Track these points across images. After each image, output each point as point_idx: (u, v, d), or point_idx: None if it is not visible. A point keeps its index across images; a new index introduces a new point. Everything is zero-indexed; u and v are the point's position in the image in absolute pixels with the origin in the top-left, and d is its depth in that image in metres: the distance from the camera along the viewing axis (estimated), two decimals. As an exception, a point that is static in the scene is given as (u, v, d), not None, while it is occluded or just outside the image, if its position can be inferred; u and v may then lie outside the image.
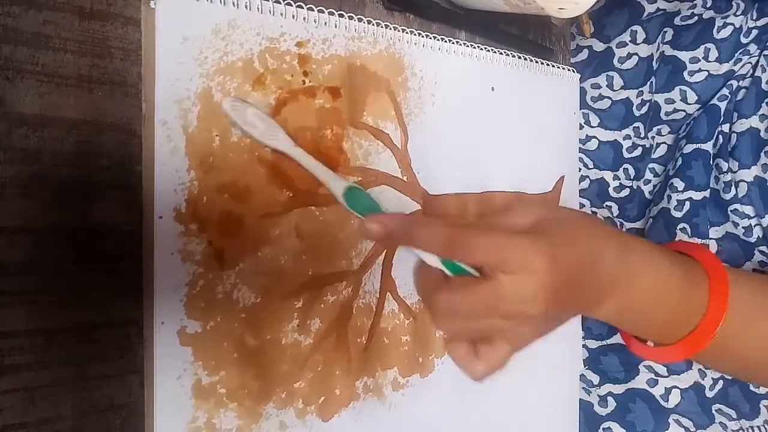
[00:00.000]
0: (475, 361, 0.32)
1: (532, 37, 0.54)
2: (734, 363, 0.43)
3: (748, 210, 0.49)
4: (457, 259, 0.31)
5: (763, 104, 0.49)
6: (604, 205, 0.59)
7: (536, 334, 0.32)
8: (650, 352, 0.43)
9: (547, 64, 0.52)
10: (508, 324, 0.31)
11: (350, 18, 0.38)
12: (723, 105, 0.51)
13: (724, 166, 0.50)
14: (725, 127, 0.51)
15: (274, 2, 0.34)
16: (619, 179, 0.59)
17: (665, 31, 0.56)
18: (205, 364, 0.31)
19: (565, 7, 0.43)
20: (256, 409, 0.33)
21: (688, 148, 0.52)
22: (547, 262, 0.30)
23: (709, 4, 0.54)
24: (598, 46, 0.59)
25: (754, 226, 0.49)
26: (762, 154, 0.48)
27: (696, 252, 0.42)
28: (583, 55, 0.60)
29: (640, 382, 0.54)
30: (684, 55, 0.54)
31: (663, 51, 0.55)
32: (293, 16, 0.35)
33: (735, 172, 0.49)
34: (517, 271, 0.30)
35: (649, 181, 0.57)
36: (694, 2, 0.55)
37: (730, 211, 0.50)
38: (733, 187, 0.49)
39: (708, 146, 0.52)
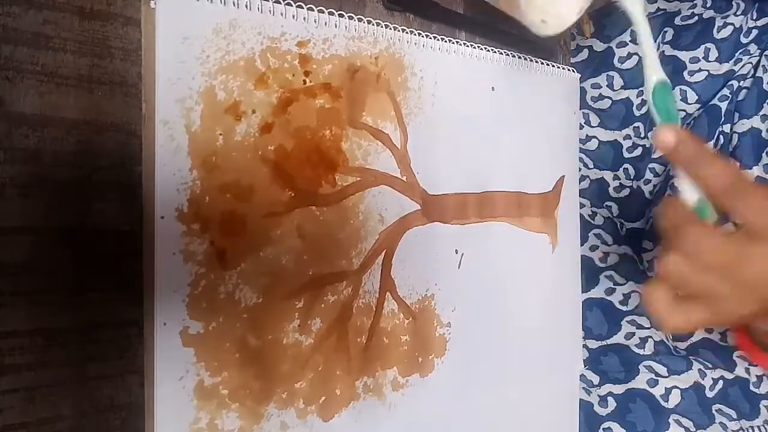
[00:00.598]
0: (674, 312, 0.31)
1: (532, 37, 0.54)
2: None
3: None
4: (730, 208, 0.30)
5: (765, 105, 0.49)
6: (604, 205, 0.59)
7: (742, 318, 0.32)
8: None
9: (547, 64, 0.52)
10: (734, 293, 0.30)
11: (350, 18, 0.38)
12: (724, 105, 0.51)
13: None
14: (726, 128, 0.51)
15: (275, 2, 0.34)
16: (619, 179, 0.59)
17: (665, 31, 0.56)
18: (208, 364, 0.31)
19: (546, 20, 0.42)
20: (258, 409, 0.33)
21: None
22: None
23: (708, 4, 0.55)
24: (599, 46, 0.59)
25: None
26: (763, 154, 0.48)
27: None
28: (584, 55, 0.60)
29: (640, 382, 0.54)
30: (684, 55, 0.54)
31: (663, 51, 0.55)
32: (293, 16, 0.35)
33: None
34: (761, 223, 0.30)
35: (650, 180, 0.57)
36: (695, 2, 0.55)
37: None
38: None
39: (708, 146, 0.52)
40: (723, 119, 0.51)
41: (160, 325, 0.30)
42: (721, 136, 0.51)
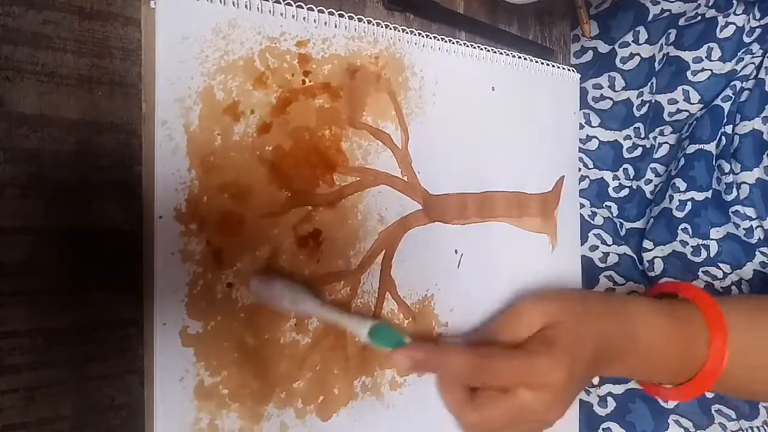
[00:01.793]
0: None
1: (532, 37, 0.54)
2: (747, 388, 0.45)
3: (750, 212, 0.49)
4: (483, 385, 0.36)
5: (767, 107, 0.48)
6: (604, 205, 0.59)
7: (560, 416, 0.38)
8: (664, 393, 0.47)
9: (547, 64, 0.52)
10: (533, 424, 0.37)
11: (350, 18, 0.38)
12: (726, 106, 0.51)
13: (726, 167, 0.50)
14: (728, 129, 0.51)
15: (274, 2, 0.34)
16: (619, 179, 0.59)
17: (669, 33, 0.56)
18: (207, 364, 0.31)
19: None
20: (258, 409, 0.33)
21: (691, 149, 0.52)
22: (565, 374, 0.36)
23: (710, 3, 0.54)
24: (603, 48, 0.59)
25: (756, 227, 0.49)
26: (764, 156, 0.48)
27: (687, 291, 0.46)
28: (588, 56, 0.60)
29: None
30: (687, 55, 0.54)
31: (668, 52, 0.55)
32: (293, 16, 0.35)
33: (737, 173, 0.49)
34: (540, 388, 0.35)
35: (650, 180, 0.57)
36: (698, 2, 0.55)
37: (732, 212, 0.50)
38: (734, 189, 0.49)
39: (711, 147, 0.52)
40: (725, 120, 0.51)
41: (159, 325, 0.30)
42: (723, 137, 0.51)
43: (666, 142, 0.56)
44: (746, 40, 0.52)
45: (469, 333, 0.42)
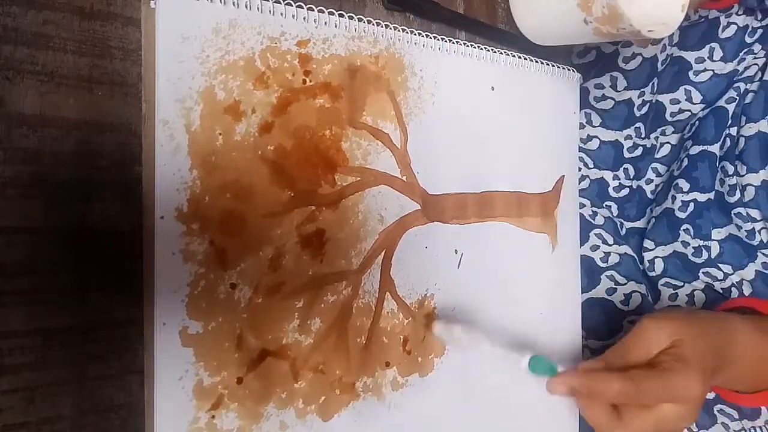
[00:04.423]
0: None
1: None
2: None
3: (755, 213, 0.48)
4: (633, 407, 0.39)
5: None
6: (604, 204, 0.59)
7: (694, 421, 0.42)
8: (744, 399, 0.50)
9: (547, 64, 0.52)
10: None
11: (350, 18, 0.38)
12: (731, 107, 0.51)
13: (730, 169, 0.50)
14: (733, 131, 0.50)
15: (274, 2, 0.34)
16: (619, 179, 0.59)
17: (672, 33, 0.56)
18: (207, 364, 0.31)
19: (654, 29, 0.43)
20: (257, 409, 0.33)
21: (695, 150, 0.52)
22: (702, 386, 0.39)
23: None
24: (607, 48, 0.59)
25: (759, 229, 0.49)
26: None
27: (761, 306, 0.50)
28: (591, 56, 0.60)
29: (641, 382, 0.54)
30: (690, 55, 0.54)
31: (671, 53, 0.55)
32: (293, 16, 0.35)
33: (742, 175, 0.49)
34: (681, 402, 0.39)
35: (651, 180, 0.57)
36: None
37: (734, 214, 0.50)
38: (738, 191, 0.49)
39: (714, 148, 0.52)
40: (730, 122, 0.51)
41: (159, 325, 0.30)
42: (727, 139, 0.51)
43: (667, 142, 0.56)
44: (748, 40, 0.52)
45: (604, 354, 0.44)
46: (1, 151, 0.27)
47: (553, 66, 0.52)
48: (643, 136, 0.57)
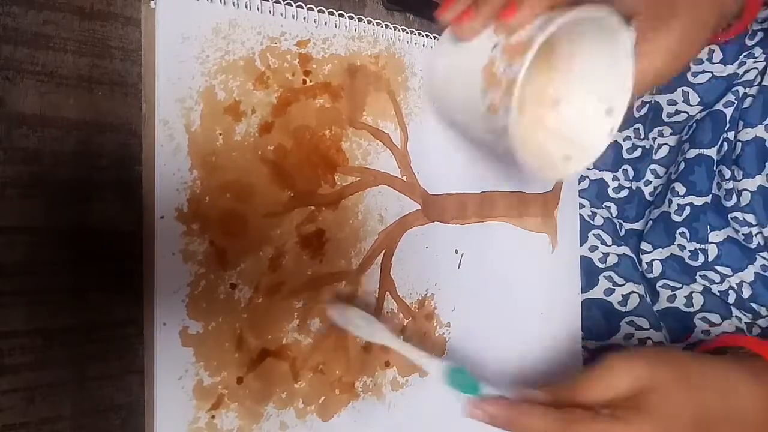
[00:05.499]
0: None
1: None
2: None
3: (750, 218, 0.48)
4: None
5: None
6: (603, 205, 0.59)
7: None
8: None
9: (547, 65, 0.52)
10: None
11: (350, 18, 0.38)
12: (729, 111, 0.51)
13: (727, 173, 0.50)
14: (730, 135, 0.50)
15: (274, 2, 0.34)
16: (618, 180, 0.59)
17: None
18: (207, 364, 0.31)
19: (571, 155, 0.37)
20: (257, 409, 0.33)
21: (691, 153, 0.52)
22: None
23: None
24: None
25: (755, 234, 0.49)
26: (767, 163, 0.47)
27: (757, 348, 0.43)
28: None
29: (640, 382, 0.54)
30: None
31: None
32: (293, 16, 0.35)
33: (738, 180, 0.49)
34: None
35: (650, 182, 0.57)
36: None
37: (731, 218, 0.50)
38: (734, 195, 0.49)
39: (711, 152, 0.51)
40: (728, 126, 0.51)
41: (159, 325, 0.30)
42: (725, 143, 0.51)
43: (666, 144, 0.56)
44: (748, 43, 0.52)
45: (547, 381, 0.39)
46: (1, 151, 0.27)
47: (552, 66, 0.52)
48: (641, 137, 0.57)
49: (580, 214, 0.56)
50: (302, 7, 0.35)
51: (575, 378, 0.37)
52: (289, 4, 0.35)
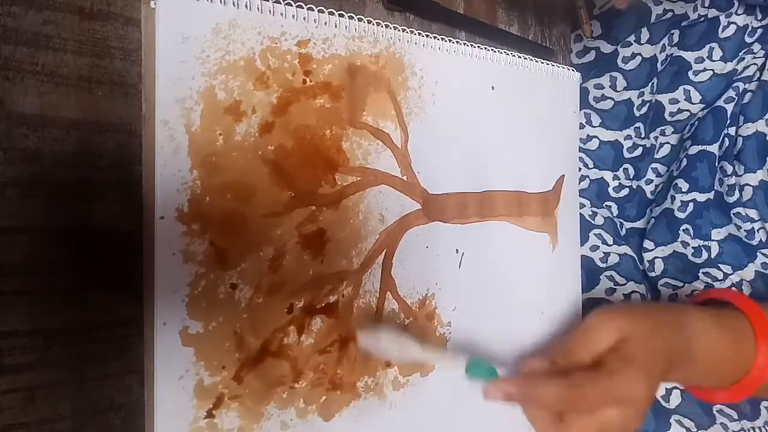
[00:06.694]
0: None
1: (532, 37, 0.54)
2: None
3: (753, 213, 0.48)
4: (575, 412, 0.37)
5: None
6: (604, 204, 0.59)
7: (639, 425, 0.38)
8: (712, 395, 0.48)
9: (547, 64, 0.52)
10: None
11: (350, 18, 0.38)
12: (729, 107, 0.51)
13: (729, 169, 0.50)
14: (731, 130, 0.50)
15: (274, 2, 0.34)
16: (619, 179, 0.59)
17: (672, 33, 0.56)
18: (207, 364, 0.31)
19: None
20: (258, 408, 0.33)
21: (694, 150, 0.52)
22: (645, 387, 0.37)
23: (707, 3, 0.54)
24: (606, 48, 0.59)
25: (758, 229, 0.49)
26: None
27: (734, 299, 0.47)
28: (591, 56, 0.60)
29: (640, 382, 0.54)
30: (689, 56, 0.54)
31: (671, 53, 0.55)
32: (293, 16, 0.35)
33: (740, 175, 0.49)
34: (624, 405, 0.37)
35: (651, 180, 0.57)
36: (695, 2, 0.55)
37: (733, 214, 0.50)
38: (737, 191, 0.49)
39: (713, 148, 0.52)
40: (728, 121, 0.51)
41: (159, 325, 0.30)
42: (726, 139, 0.51)
43: (667, 142, 0.56)
44: (748, 40, 0.52)
45: (544, 349, 0.43)
46: (1, 151, 0.27)
47: (553, 66, 0.52)
48: (642, 136, 0.57)
49: (580, 214, 0.56)
50: (302, 7, 0.35)
51: (566, 340, 0.41)
52: (289, 4, 0.35)
